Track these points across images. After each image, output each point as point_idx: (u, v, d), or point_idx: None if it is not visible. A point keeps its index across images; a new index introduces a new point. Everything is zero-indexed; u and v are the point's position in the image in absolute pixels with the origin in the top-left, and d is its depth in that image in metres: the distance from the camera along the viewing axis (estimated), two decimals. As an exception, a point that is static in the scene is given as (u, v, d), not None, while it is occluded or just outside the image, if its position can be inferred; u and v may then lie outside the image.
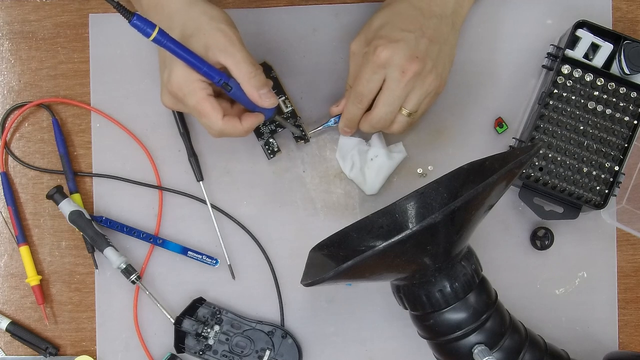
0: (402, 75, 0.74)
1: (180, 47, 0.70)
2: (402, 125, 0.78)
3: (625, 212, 0.83)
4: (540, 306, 0.85)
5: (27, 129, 0.87)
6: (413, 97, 0.76)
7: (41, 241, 0.87)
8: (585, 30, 0.81)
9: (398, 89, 0.75)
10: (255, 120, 0.75)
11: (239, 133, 0.74)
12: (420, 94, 0.76)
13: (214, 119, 0.73)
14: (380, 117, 0.77)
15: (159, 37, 0.68)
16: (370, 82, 0.76)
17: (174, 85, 0.72)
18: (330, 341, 0.86)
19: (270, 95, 0.74)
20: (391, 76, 0.75)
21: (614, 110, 0.81)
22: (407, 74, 0.74)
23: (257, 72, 0.73)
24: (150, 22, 0.68)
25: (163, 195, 0.86)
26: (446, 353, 0.73)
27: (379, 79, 0.76)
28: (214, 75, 0.72)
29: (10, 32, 0.88)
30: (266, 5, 0.87)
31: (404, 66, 0.74)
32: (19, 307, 0.87)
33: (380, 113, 0.77)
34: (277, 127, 0.85)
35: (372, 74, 0.75)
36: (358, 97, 0.77)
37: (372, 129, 0.79)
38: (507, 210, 0.86)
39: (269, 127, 0.84)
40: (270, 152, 0.85)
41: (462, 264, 0.71)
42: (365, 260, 0.63)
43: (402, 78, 0.75)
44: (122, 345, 0.86)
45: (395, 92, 0.75)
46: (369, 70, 0.76)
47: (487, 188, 0.64)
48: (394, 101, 0.76)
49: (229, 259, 0.86)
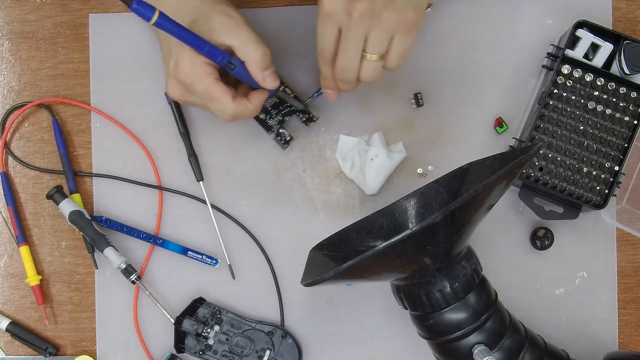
0: (349, 17, 0.69)
1: (181, 28, 0.70)
2: (372, 72, 0.73)
3: (625, 212, 0.83)
4: (540, 306, 0.85)
5: (27, 129, 0.87)
6: (371, 38, 0.71)
7: (41, 241, 0.87)
8: (585, 30, 0.81)
9: (349, 33, 0.70)
10: (262, 96, 0.75)
11: (250, 112, 0.74)
12: (378, 33, 0.70)
13: (224, 101, 0.72)
14: (342, 67, 0.73)
15: (160, 20, 0.68)
16: (324, 36, 0.72)
17: (181, 72, 0.72)
18: (330, 341, 0.86)
19: (274, 76, 0.74)
20: (341, 23, 0.70)
21: (614, 110, 0.81)
22: (353, 15, 0.69)
23: (262, 52, 0.72)
24: (150, 5, 0.67)
25: (163, 195, 0.86)
26: (446, 353, 0.73)
27: (331, 30, 0.71)
28: (216, 54, 0.72)
29: (10, 32, 0.88)
30: (266, 5, 0.87)
31: (348, 8, 0.69)
32: (19, 307, 0.87)
33: (340, 63, 0.73)
34: (284, 116, 0.85)
35: (322, 26, 0.71)
36: (320, 54, 0.74)
37: (344, 85, 0.75)
38: (507, 210, 0.86)
39: (276, 118, 0.84)
40: (283, 142, 0.85)
41: (462, 264, 0.71)
42: (365, 260, 0.63)
43: (350, 20, 0.69)
44: (122, 345, 0.86)
45: (347, 37, 0.71)
46: (319, 23, 0.72)
47: (487, 188, 0.64)
48: (348, 46, 0.71)
49: (229, 259, 0.86)
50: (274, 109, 0.85)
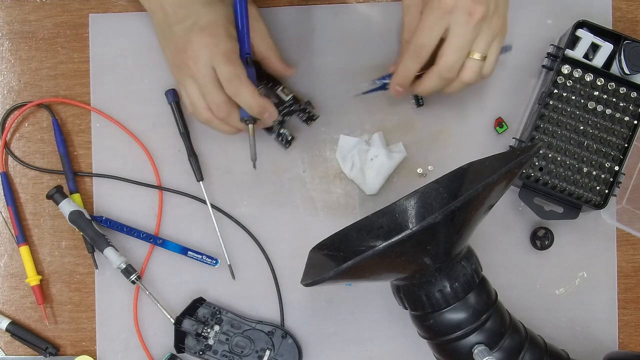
0: (469, 18, 0.72)
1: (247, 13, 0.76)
2: (475, 72, 0.76)
3: (625, 212, 0.83)
4: (540, 306, 0.85)
5: (27, 129, 0.87)
6: (481, 40, 0.74)
7: (41, 241, 0.87)
8: (585, 30, 0.81)
9: (467, 32, 0.73)
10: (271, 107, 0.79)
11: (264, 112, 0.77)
12: (487, 36, 0.74)
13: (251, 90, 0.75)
14: (451, 65, 0.75)
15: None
16: (434, 31, 0.74)
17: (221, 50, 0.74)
18: (330, 341, 0.86)
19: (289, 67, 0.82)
20: (458, 21, 0.73)
21: (614, 110, 0.81)
22: (474, 17, 0.72)
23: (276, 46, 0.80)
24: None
25: (163, 195, 0.86)
26: (446, 353, 0.73)
27: (443, 26, 0.74)
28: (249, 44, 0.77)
29: (10, 32, 0.88)
30: (266, 5, 0.87)
31: (470, 9, 0.72)
32: (19, 307, 0.87)
33: (450, 60, 0.75)
34: (285, 116, 0.84)
35: (436, 21, 0.73)
36: (418, 49, 0.75)
37: (439, 82, 0.77)
38: (507, 210, 0.86)
39: (277, 119, 0.83)
40: (285, 142, 0.85)
41: (462, 264, 0.71)
42: (365, 260, 0.63)
43: (470, 21, 0.73)
44: (122, 345, 0.86)
45: (464, 36, 0.73)
46: (433, 17, 0.73)
47: (487, 188, 0.64)
48: (463, 46, 0.74)
49: (229, 259, 0.86)
50: None
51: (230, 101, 0.75)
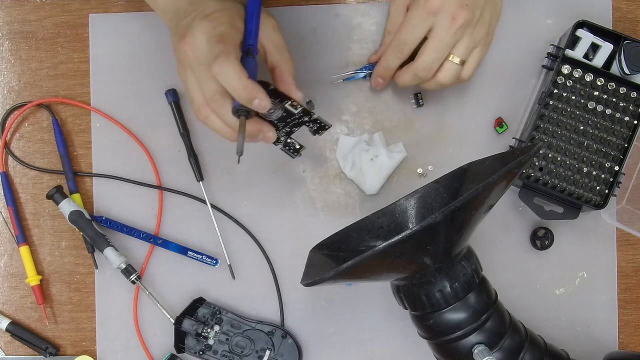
0: (452, 22, 0.74)
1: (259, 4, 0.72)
2: (451, 74, 0.77)
3: (625, 212, 0.83)
4: (540, 306, 0.85)
5: (27, 129, 0.87)
6: (461, 45, 0.76)
7: (41, 241, 0.87)
8: (585, 30, 0.81)
9: (447, 36, 0.74)
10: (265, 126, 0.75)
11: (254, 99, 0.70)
12: (468, 42, 0.76)
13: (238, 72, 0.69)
14: (427, 65, 0.76)
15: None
16: (417, 29, 0.75)
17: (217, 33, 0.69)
18: (330, 341, 0.86)
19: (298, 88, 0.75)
20: (440, 23, 0.74)
21: (614, 110, 0.81)
22: (457, 21, 0.74)
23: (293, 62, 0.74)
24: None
25: (163, 195, 0.86)
26: (446, 353, 0.73)
27: (426, 26, 0.75)
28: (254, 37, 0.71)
29: (10, 32, 0.88)
30: (266, 5, 0.87)
31: (454, 13, 0.73)
32: (19, 307, 0.87)
33: (427, 60, 0.76)
34: (292, 127, 0.79)
35: (420, 20, 0.75)
36: (400, 45, 0.77)
37: (413, 79, 0.78)
38: (507, 210, 0.86)
39: (284, 130, 0.78)
40: (292, 151, 0.80)
41: (462, 264, 0.71)
42: (365, 260, 0.63)
43: (452, 25, 0.74)
44: (122, 345, 0.86)
45: (444, 39, 0.75)
46: (417, 16, 0.75)
47: (487, 188, 0.64)
48: (442, 47, 0.75)
49: (229, 259, 0.86)
50: (280, 122, 0.76)
51: (224, 91, 0.70)
